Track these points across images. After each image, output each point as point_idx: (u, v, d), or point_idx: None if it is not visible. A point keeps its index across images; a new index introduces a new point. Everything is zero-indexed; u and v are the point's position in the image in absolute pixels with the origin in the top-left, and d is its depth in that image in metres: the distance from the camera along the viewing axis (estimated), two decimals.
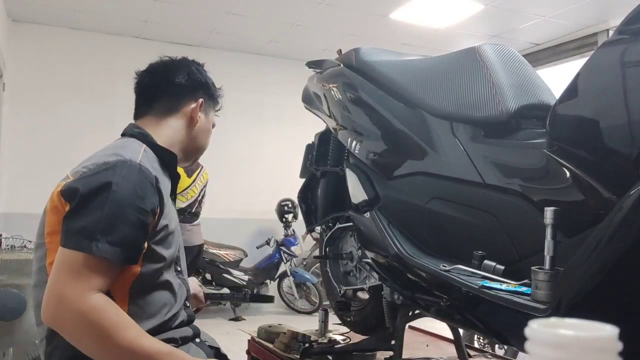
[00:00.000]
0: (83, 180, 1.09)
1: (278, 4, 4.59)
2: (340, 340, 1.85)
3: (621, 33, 0.91)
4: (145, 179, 1.12)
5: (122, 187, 1.08)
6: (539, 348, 0.40)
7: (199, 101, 1.36)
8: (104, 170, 1.10)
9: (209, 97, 1.41)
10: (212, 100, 1.43)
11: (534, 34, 5.20)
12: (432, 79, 1.39)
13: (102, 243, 1.03)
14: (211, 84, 1.42)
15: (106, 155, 1.15)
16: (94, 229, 1.03)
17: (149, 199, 1.11)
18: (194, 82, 1.38)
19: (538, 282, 0.96)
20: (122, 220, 1.06)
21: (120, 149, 1.18)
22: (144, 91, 1.37)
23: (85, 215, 1.05)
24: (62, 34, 5.28)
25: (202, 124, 1.38)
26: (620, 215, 0.80)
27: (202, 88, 1.40)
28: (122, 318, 1.04)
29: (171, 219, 1.23)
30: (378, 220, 1.44)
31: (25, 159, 5.07)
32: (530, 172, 1.12)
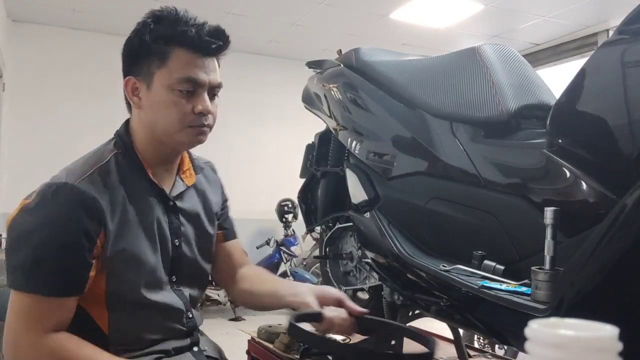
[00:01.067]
0: (19, 214, 1.05)
1: (278, 4, 4.59)
2: (340, 340, 1.85)
3: (621, 33, 0.91)
4: (75, 204, 1.00)
5: (47, 220, 1.00)
6: (539, 348, 0.40)
7: (124, 82, 1.10)
8: (35, 205, 1.03)
9: (146, 61, 1.08)
10: (154, 61, 1.07)
11: (534, 34, 5.20)
12: (432, 79, 1.39)
13: (33, 279, 0.98)
14: (140, 45, 1.09)
15: (55, 177, 1.08)
16: (23, 266, 0.98)
17: (81, 225, 1.00)
18: (123, 59, 1.13)
19: (538, 282, 0.96)
20: (49, 255, 0.98)
21: (80, 161, 1.10)
22: None
23: (17, 254, 1.00)
24: (62, 34, 5.28)
25: (147, 102, 1.09)
26: (620, 215, 0.80)
27: (130, 60, 1.11)
28: (84, 353, 1.00)
29: (132, 241, 1.07)
30: (378, 220, 1.44)
31: (25, 159, 5.07)
32: (530, 172, 1.12)
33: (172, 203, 1.17)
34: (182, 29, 1.08)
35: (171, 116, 1.07)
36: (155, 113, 1.09)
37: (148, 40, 1.08)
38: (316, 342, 1.16)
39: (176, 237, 1.17)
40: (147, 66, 1.08)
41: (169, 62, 1.06)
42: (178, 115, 1.07)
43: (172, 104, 1.07)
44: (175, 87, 1.06)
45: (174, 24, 1.09)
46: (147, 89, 1.08)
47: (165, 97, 1.07)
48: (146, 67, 1.08)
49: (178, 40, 1.07)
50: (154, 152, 1.14)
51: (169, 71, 1.06)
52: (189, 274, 1.20)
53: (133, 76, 1.10)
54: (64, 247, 0.99)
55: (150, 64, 1.08)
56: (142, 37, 1.09)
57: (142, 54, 1.09)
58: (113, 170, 1.08)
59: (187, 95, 1.07)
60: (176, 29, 1.08)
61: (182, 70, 1.06)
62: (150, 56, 1.08)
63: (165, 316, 1.13)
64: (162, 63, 1.07)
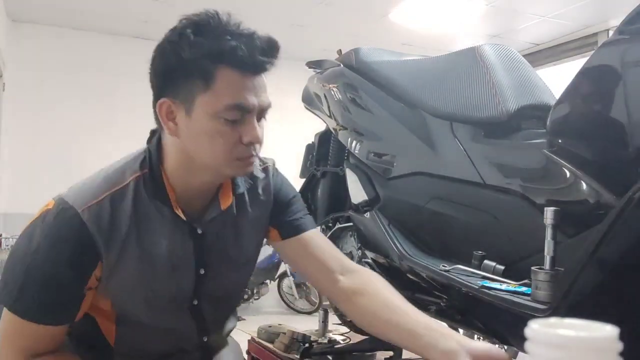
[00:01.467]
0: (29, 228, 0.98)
1: (278, 4, 4.59)
2: (340, 340, 1.85)
3: (621, 33, 0.90)
4: (71, 239, 0.93)
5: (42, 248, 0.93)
6: (539, 348, 0.40)
7: (157, 106, 0.95)
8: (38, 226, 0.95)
9: (184, 84, 0.91)
10: (196, 83, 0.90)
11: (534, 34, 5.20)
12: (432, 79, 1.39)
13: (19, 302, 0.93)
14: (178, 64, 0.91)
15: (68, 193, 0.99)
16: (13, 286, 0.94)
17: (74, 260, 0.93)
18: (153, 76, 0.96)
19: (538, 282, 0.96)
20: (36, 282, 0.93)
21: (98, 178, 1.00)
22: None
23: (11, 271, 0.97)
24: (62, 34, 5.28)
25: (186, 130, 0.93)
26: (620, 215, 0.80)
27: (166, 80, 0.94)
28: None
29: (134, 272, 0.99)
30: (378, 220, 1.44)
31: (25, 159, 5.07)
32: (530, 172, 1.12)
33: (201, 232, 1.04)
34: (230, 44, 0.89)
35: (216, 148, 0.93)
36: (196, 143, 0.94)
37: (188, 58, 0.89)
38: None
39: (202, 266, 1.06)
40: (186, 88, 0.91)
41: (215, 84, 0.90)
42: (224, 147, 0.93)
43: (217, 135, 0.92)
44: (221, 115, 0.90)
45: (219, 37, 0.90)
46: (186, 115, 0.92)
47: (208, 127, 0.91)
48: (186, 89, 0.91)
49: (226, 59, 0.90)
50: (188, 180, 1.00)
51: (214, 96, 0.90)
52: (215, 299, 1.11)
53: (168, 98, 0.93)
54: (53, 278, 0.93)
55: (191, 86, 0.91)
56: (180, 54, 0.90)
57: (181, 74, 0.91)
58: (128, 197, 0.97)
59: (234, 123, 0.92)
60: (223, 45, 0.89)
61: (231, 95, 0.90)
62: (191, 76, 0.91)
63: (175, 338, 1.10)
64: (206, 85, 0.90)
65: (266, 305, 5.37)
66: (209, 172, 0.99)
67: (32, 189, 4.97)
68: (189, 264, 1.05)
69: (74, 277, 0.94)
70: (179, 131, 0.94)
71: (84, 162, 5.07)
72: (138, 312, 1.04)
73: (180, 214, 1.01)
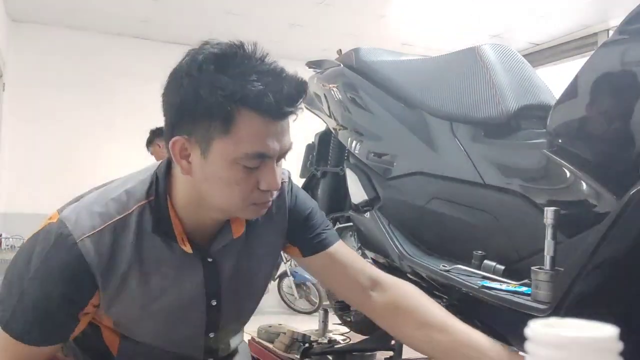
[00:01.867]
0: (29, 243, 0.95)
1: (278, 4, 4.59)
2: (340, 340, 1.85)
3: (621, 33, 0.90)
4: (67, 271, 0.89)
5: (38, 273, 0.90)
6: (539, 348, 0.40)
7: (170, 144, 0.87)
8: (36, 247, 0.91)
9: (200, 124, 0.84)
10: (215, 124, 0.83)
11: (534, 34, 5.20)
12: (432, 79, 1.39)
13: (11, 321, 0.91)
14: (196, 103, 0.83)
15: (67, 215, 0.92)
16: (7, 304, 0.92)
17: (68, 293, 0.90)
18: (167, 109, 0.89)
19: (538, 282, 0.96)
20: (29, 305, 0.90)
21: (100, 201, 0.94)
22: None
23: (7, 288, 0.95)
24: (62, 34, 5.28)
25: (200, 172, 0.87)
26: (620, 215, 0.80)
27: (181, 116, 0.86)
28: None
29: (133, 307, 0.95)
30: (378, 220, 1.44)
31: (25, 159, 5.07)
32: (530, 172, 1.12)
33: (211, 260, 0.99)
34: (255, 89, 0.82)
35: (232, 194, 0.87)
36: (211, 186, 0.88)
37: (208, 97, 0.82)
38: None
39: (214, 298, 1.01)
40: (204, 128, 0.84)
41: (235, 128, 0.82)
42: (240, 195, 0.87)
43: (234, 182, 0.86)
44: (240, 162, 0.84)
45: (244, 76, 0.82)
46: (202, 156, 0.85)
47: (225, 173, 0.85)
48: (203, 129, 0.84)
49: (250, 103, 0.82)
50: (198, 215, 0.95)
51: (234, 142, 0.83)
52: (226, 324, 1.08)
53: (182, 136, 0.86)
54: (46, 306, 0.90)
55: (208, 127, 0.83)
56: (199, 91, 0.82)
57: (199, 112, 0.83)
58: (131, 228, 0.92)
59: (252, 170, 0.86)
60: (248, 88, 0.81)
61: (252, 142, 0.84)
62: (209, 117, 0.83)
63: (181, 357, 1.07)
64: (226, 129, 0.82)
65: (266, 305, 5.35)
66: (221, 212, 0.94)
67: (32, 189, 4.98)
68: (200, 297, 1.00)
69: (68, 307, 0.91)
70: (192, 170, 0.88)
71: (83, 162, 5.08)
72: (143, 338, 1.01)
73: (188, 249, 0.94)
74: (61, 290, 0.89)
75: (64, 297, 0.90)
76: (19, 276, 0.92)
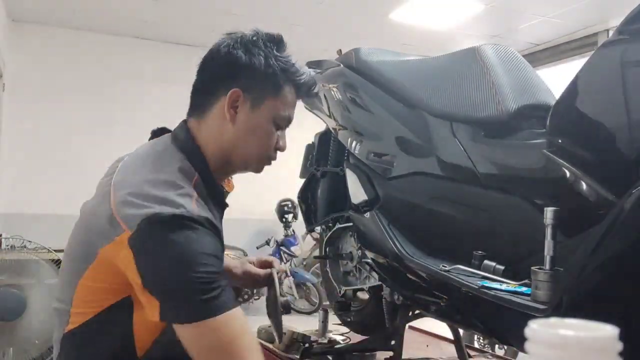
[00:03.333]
0: (150, 250, 0.94)
1: (278, 4, 4.59)
2: (340, 340, 1.85)
3: (621, 33, 0.91)
4: (213, 237, 0.97)
5: (189, 249, 0.93)
6: (539, 348, 0.40)
7: (230, 93, 1.07)
8: (169, 234, 0.92)
9: (261, 83, 1.08)
10: (269, 88, 1.08)
11: (534, 34, 5.20)
12: (432, 79, 1.39)
13: (218, 300, 0.92)
14: (264, 67, 1.07)
15: (158, 199, 0.95)
16: (195, 295, 0.92)
17: (216, 240, 0.99)
18: (232, 64, 1.08)
19: (538, 282, 0.96)
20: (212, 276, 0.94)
21: (171, 187, 0.98)
22: (194, 84, 1.16)
23: (174, 291, 0.94)
24: (62, 34, 5.28)
25: (244, 120, 1.08)
26: (620, 215, 0.80)
27: (244, 72, 1.08)
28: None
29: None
30: (378, 220, 1.44)
31: (25, 159, 5.07)
32: (530, 172, 1.12)
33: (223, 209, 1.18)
34: (297, 71, 1.12)
35: (263, 143, 1.11)
36: (249, 135, 1.09)
37: (274, 65, 1.08)
38: None
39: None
40: (260, 89, 1.09)
41: (281, 96, 1.10)
42: (266, 146, 1.12)
43: (268, 134, 1.11)
44: (277, 120, 1.11)
45: (288, 58, 1.12)
46: (251, 110, 1.09)
47: (266, 125, 1.10)
48: (259, 89, 1.09)
49: (293, 79, 1.11)
50: (219, 166, 1.11)
51: (280, 104, 1.10)
52: None
53: (241, 89, 1.08)
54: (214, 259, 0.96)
55: (264, 89, 1.09)
56: (268, 60, 1.08)
57: (260, 75, 1.08)
58: (203, 192, 1.04)
59: (277, 129, 1.13)
60: (294, 68, 1.12)
61: (288, 108, 1.12)
62: (267, 81, 1.09)
63: None
64: (276, 94, 1.09)
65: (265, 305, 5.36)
66: (243, 164, 1.14)
67: (32, 189, 4.98)
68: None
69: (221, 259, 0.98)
70: (237, 120, 1.08)
71: (83, 162, 5.08)
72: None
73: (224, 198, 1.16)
74: (214, 241, 0.97)
75: (217, 248, 0.97)
76: (181, 268, 0.92)
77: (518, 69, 1.28)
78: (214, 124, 1.10)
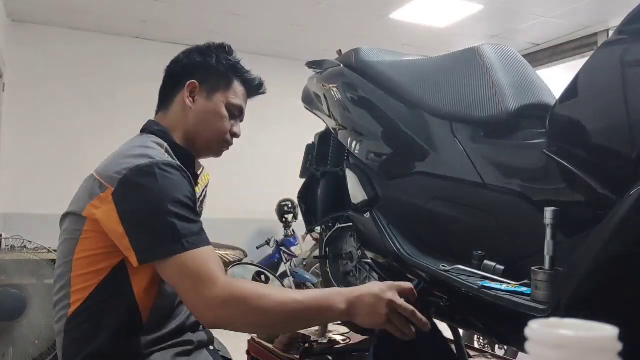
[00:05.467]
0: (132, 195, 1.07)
1: (278, 4, 4.59)
2: (340, 340, 1.85)
3: (621, 33, 0.91)
4: (181, 173, 1.12)
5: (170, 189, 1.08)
6: (539, 348, 0.40)
7: (188, 83, 1.28)
8: (150, 178, 1.07)
9: (214, 78, 1.31)
10: (221, 82, 1.31)
11: (534, 34, 5.20)
12: (432, 79, 1.39)
13: (190, 238, 1.05)
14: (216, 64, 1.31)
15: (135, 157, 1.11)
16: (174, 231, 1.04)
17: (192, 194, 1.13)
18: (189, 65, 1.32)
19: (538, 282, 0.96)
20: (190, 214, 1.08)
21: (145, 148, 1.15)
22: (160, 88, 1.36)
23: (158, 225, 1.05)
24: (62, 34, 5.28)
25: (201, 107, 1.29)
26: (620, 215, 0.80)
27: (200, 70, 1.31)
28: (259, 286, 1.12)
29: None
30: (378, 220, 1.44)
31: (25, 159, 5.07)
32: (530, 172, 1.12)
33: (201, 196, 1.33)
34: (246, 71, 1.36)
35: (218, 126, 1.30)
36: (206, 119, 1.29)
37: (224, 64, 1.32)
38: None
39: None
40: (214, 81, 1.31)
41: (231, 88, 1.33)
42: (222, 128, 1.31)
43: (223, 118, 1.31)
44: (229, 107, 1.31)
45: (233, 57, 1.36)
46: (206, 98, 1.30)
47: (220, 110, 1.30)
48: (212, 82, 1.31)
49: (243, 77, 1.35)
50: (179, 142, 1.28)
51: (231, 94, 1.32)
52: None
53: (197, 82, 1.29)
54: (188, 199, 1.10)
55: (217, 82, 1.31)
56: (219, 60, 1.32)
57: (214, 72, 1.31)
58: (171, 153, 1.20)
59: (231, 118, 1.32)
60: (240, 67, 1.35)
61: (238, 98, 1.33)
62: (219, 76, 1.31)
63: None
64: (227, 87, 1.32)
65: None
66: (206, 148, 1.32)
67: (32, 189, 4.98)
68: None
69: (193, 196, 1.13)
70: (195, 107, 1.29)
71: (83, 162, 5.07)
72: None
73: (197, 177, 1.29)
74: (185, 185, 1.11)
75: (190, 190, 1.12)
76: (156, 205, 1.05)
77: (518, 69, 1.28)
78: (177, 112, 1.29)
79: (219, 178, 5.12)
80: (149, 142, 1.19)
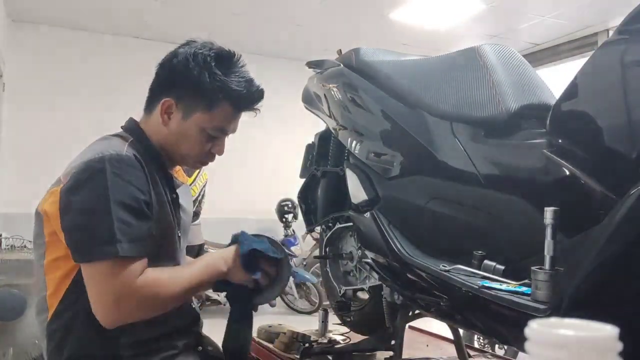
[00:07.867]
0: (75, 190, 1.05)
1: (278, 4, 4.59)
2: (340, 340, 1.85)
3: (621, 33, 0.91)
4: (134, 168, 1.08)
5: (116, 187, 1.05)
6: (539, 348, 0.40)
7: (162, 101, 1.17)
8: (94, 174, 1.05)
9: (196, 95, 1.16)
10: (203, 101, 1.16)
11: (534, 34, 5.20)
12: (432, 79, 1.39)
13: (124, 243, 1.02)
14: (199, 81, 1.15)
15: (92, 152, 1.10)
16: (110, 233, 1.02)
17: (144, 188, 1.09)
18: (172, 76, 1.19)
19: (538, 282, 0.95)
20: (131, 217, 1.05)
21: (104, 145, 1.12)
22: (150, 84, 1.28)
23: (93, 226, 1.04)
24: (62, 34, 5.28)
25: (176, 127, 1.18)
26: (620, 215, 0.80)
27: (180, 85, 1.17)
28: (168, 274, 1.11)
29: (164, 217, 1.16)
30: (378, 220, 1.44)
31: (25, 159, 5.07)
32: (530, 172, 1.11)
33: (175, 196, 1.24)
34: (237, 88, 1.17)
35: (192, 150, 1.21)
36: (180, 140, 1.19)
37: (210, 81, 1.15)
38: None
39: (178, 230, 1.24)
40: (192, 101, 1.17)
41: (215, 111, 1.17)
42: (198, 153, 1.22)
43: (198, 143, 1.20)
44: (208, 131, 1.19)
45: (230, 74, 1.17)
46: (182, 119, 1.18)
47: (195, 135, 1.18)
48: (191, 101, 1.17)
49: (231, 98, 1.17)
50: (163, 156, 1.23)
51: (210, 119, 1.17)
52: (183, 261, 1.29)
53: (172, 99, 1.17)
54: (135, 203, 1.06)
55: (196, 103, 1.17)
56: (200, 76, 1.15)
57: (193, 89, 1.16)
58: (137, 145, 1.15)
59: (211, 138, 1.21)
60: (233, 86, 1.16)
61: (222, 122, 1.19)
62: (199, 95, 1.16)
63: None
64: (208, 109, 1.17)
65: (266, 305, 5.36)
66: (180, 159, 1.24)
67: (32, 189, 4.97)
68: (174, 226, 1.21)
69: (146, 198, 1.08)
70: (169, 125, 1.19)
71: None
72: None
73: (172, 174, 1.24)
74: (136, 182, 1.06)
75: (142, 187, 1.07)
76: (99, 201, 1.03)
77: (518, 69, 1.28)
78: (155, 122, 1.20)
79: (219, 178, 5.12)
80: (112, 137, 1.17)
